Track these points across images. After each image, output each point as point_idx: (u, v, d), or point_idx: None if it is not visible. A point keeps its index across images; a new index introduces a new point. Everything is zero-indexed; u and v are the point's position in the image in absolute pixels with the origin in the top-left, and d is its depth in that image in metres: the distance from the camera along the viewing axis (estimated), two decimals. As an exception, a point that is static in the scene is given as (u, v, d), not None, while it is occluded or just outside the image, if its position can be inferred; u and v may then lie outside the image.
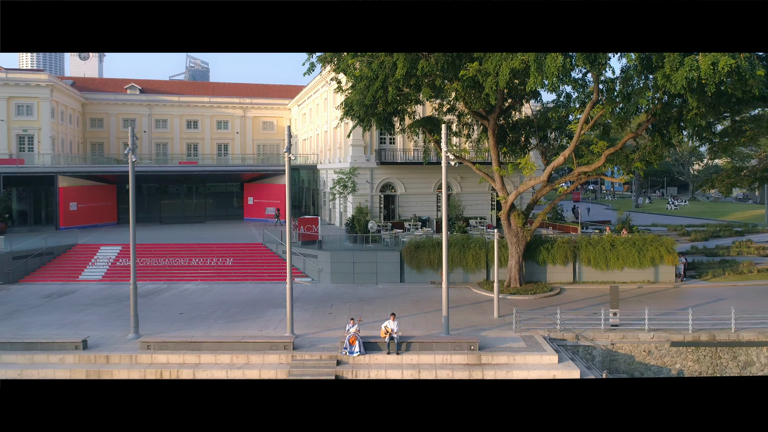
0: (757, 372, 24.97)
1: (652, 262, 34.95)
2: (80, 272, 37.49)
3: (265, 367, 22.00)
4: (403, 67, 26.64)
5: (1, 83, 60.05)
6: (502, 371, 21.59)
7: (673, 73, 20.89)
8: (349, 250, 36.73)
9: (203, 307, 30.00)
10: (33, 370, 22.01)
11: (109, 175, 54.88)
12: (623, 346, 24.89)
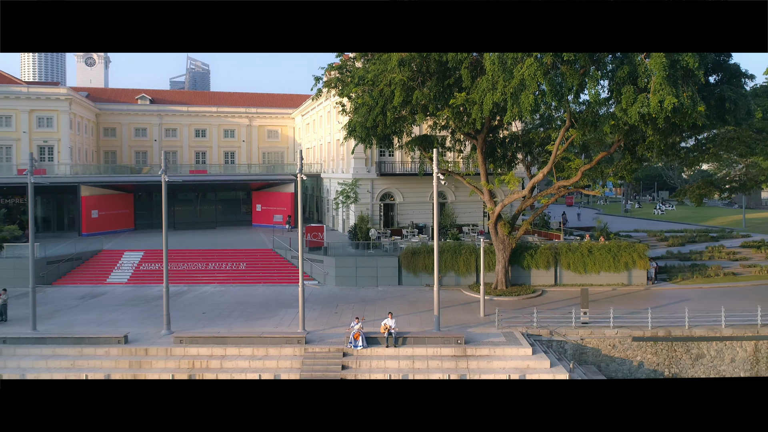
0: (707, 363, 28.69)
1: (626, 266, 38.70)
2: (107, 276, 41.22)
3: (282, 359, 25.73)
4: (400, 95, 30.40)
5: (23, 97, 63.89)
6: (483, 362, 25.32)
7: (628, 107, 24.65)
8: (351, 256, 40.47)
9: (223, 308, 33.75)
10: (83, 361, 25.75)
11: (127, 185, 58.56)
12: (591, 341, 28.62)
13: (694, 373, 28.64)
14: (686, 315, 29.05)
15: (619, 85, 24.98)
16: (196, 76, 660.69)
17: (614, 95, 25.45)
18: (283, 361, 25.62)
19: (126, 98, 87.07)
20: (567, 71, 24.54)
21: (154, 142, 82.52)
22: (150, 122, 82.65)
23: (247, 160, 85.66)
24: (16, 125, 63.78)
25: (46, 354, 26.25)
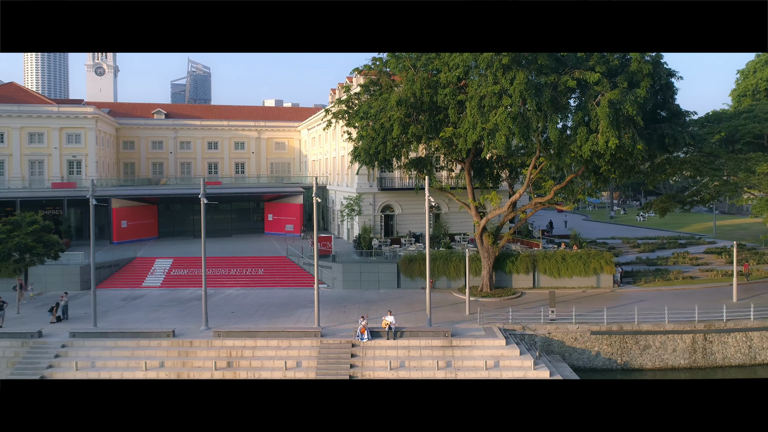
0: (653, 353, 34.56)
1: (595, 271, 44.59)
2: (143, 280, 47.13)
3: (302, 349, 31.63)
4: (398, 129, 36.38)
5: (54, 116, 69.83)
6: (465, 351, 31.24)
7: (582, 145, 30.60)
8: (356, 263, 46.39)
9: (248, 308, 39.66)
10: (140, 351, 31.66)
11: (152, 197, 64.46)
12: (557, 335, 34.51)
13: (642, 362, 34.54)
14: (636, 312, 34.99)
15: (576, 127, 30.90)
16: (197, 78, 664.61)
17: (572, 134, 31.37)
18: (303, 350, 31.52)
19: (142, 112, 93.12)
20: (532, 116, 30.49)
21: (169, 154, 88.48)
22: (166, 135, 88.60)
23: (256, 170, 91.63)
24: (48, 142, 69.71)
25: (109, 346, 32.15)
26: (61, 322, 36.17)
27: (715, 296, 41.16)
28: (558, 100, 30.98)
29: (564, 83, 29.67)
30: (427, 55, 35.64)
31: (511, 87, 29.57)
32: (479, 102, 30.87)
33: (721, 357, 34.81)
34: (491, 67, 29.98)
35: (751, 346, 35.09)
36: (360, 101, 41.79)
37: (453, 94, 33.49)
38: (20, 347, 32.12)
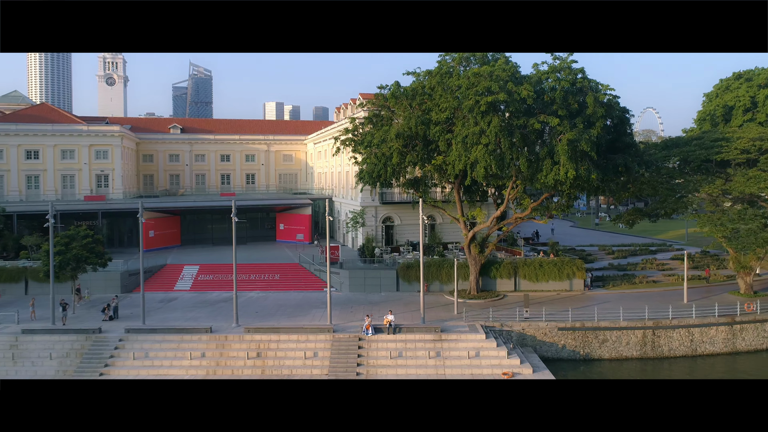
0: (610, 346, 41.27)
1: (568, 276, 51.32)
2: (174, 284, 53.90)
3: (318, 342, 38.36)
4: (397, 157, 43.20)
5: (84, 134, 76.71)
6: (452, 343, 38.00)
7: (547, 174, 37.41)
8: (361, 269, 53.13)
9: (269, 308, 46.43)
10: (185, 344, 38.41)
11: (175, 209, 71.24)
12: (529, 330, 41.25)
13: (601, 353, 41.27)
14: (596, 312, 41.79)
15: (542, 160, 37.73)
16: (199, 81, 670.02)
17: (540, 165, 38.18)
18: (319, 343, 38.29)
19: (159, 127, 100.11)
20: (506, 151, 37.31)
21: (185, 166, 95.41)
22: (182, 149, 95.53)
23: (266, 180, 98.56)
24: (78, 158, 76.60)
25: (158, 340, 38.93)
26: (112, 320, 42.91)
27: (669, 298, 47.88)
28: (528, 137, 37.84)
29: (531, 125, 36.54)
30: (421, 96, 42.50)
31: (488, 128, 36.43)
32: (463, 139, 37.74)
33: (667, 349, 41.57)
34: (472, 111, 36.86)
35: (693, 340, 41.85)
36: (364, 130, 48.58)
37: (442, 131, 40.36)
38: (85, 341, 38.89)
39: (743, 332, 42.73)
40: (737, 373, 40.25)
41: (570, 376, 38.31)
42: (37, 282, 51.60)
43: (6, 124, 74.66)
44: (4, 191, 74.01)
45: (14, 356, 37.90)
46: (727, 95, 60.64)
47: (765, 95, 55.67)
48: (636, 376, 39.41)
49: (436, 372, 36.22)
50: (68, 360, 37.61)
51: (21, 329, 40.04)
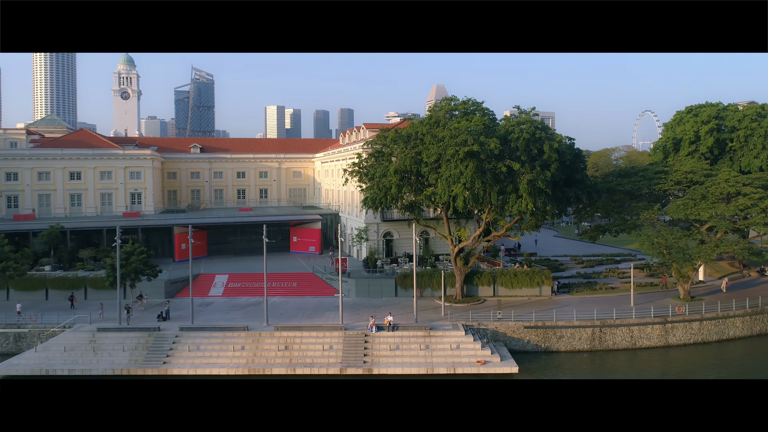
0: (566, 341, 51.46)
1: (538, 284, 61.57)
2: (208, 291, 64.18)
3: (333, 338, 48.60)
4: (395, 188, 53.57)
5: (120, 157, 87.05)
6: (438, 339, 48.26)
7: (513, 206, 47.75)
8: (365, 278, 63.40)
9: (290, 311, 56.71)
10: (228, 339, 48.68)
11: (204, 225, 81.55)
12: (501, 328, 51.50)
13: (558, 347, 51.48)
14: (554, 313, 52.09)
15: (509, 194, 48.10)
16: (201, 86, 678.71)
17: (507, 198, 48.55)
18: (333, 339, 48.54)
19: (181, 146, 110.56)
20: (479, 189, 47.66)
21: (205, 183, 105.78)
22: (202, 167, 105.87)
23: (277, 195, 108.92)
24: (115, 178, 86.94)
25: (206, 336, 49.20)
26: (165, 321, 53.20)
27: (621, 302, 58.11)
28: (497, 177, 48.25)
29: (499, 168, 46.91)
30: (414, 140, 52.89)
31: (465, 171, 46.80)
32: (447, 178, 48.09)
33: (612, 343, 51.86)
34: (453, 157, 47.24)
35: (633, 336, 52.13)
36: (368, 163, 58.93)
37: (431, 170, 50.77)
38: (148, 337, 49.18)
39: (674, 330, 53.02)
40: (669, 363, 50.50)
41: (532, 365, 48.53)
42: (95, 289, 61.93)
43: (53, 149, 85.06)
44: (51, 208, 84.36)
45: (94, 349, 48.19)
46: (678, 128, 70.93)
47: (705, 130, 65.92)
48: (586, 366, 49.64)
49: (426, 361, 46.51)
50: (137, 352, 47.90)
51: (96, 328, 50.37)
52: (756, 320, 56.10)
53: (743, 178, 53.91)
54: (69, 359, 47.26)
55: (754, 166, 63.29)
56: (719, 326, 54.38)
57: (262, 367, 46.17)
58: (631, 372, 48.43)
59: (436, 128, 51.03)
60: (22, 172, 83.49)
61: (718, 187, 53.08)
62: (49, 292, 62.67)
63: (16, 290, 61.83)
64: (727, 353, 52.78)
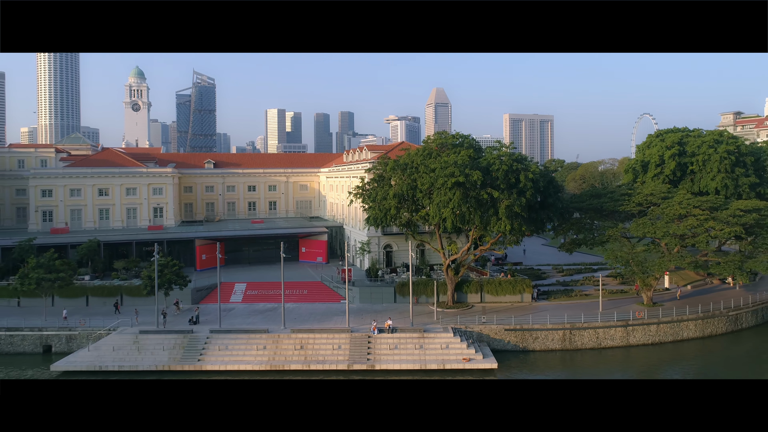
0: (540, 341, 59.92)
1: (520, 291, 70.07)
2: (229, 297, 72.66)
3: (341, 339, 57.06)
4: (393, 210, 62.18)
5: (144, 175, 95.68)
6: (430, 340, 56.78)
7: (494, 226, 56.33)
8: (368, 286, 71.91)
9: (303, 315, 65.19)
10: (251, 340, 57.18)
11: (222, 238, 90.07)
12: (485, 330, 60.00)
13: (534, 347, 59.92)
14: (531, 318, 60.64)
15: (490, 217, 56.71)
16: (202, 90, 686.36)
17: (489, 219, 57.15)
18: (341, 340, 57.01)
19: (196, 161, 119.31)
20: (465, 211, 56.23)
21: (219, 196, 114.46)
22: (216, 181, 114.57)
23: (285, 207, 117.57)
24: (140, 194, 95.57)
25: (232, 337, 57.68)
26: (196, 324, 61.68)
27: (591, 307, 66.59)
28: (480, 202, 56.89)
29: (482, 195, 55.51)
30: (410, 169, 61.45)
31: (453, 197, 55.37)
32: (437, 204, 56.69)
33: (580, 343, 60.35)
34: (443, 186, 55.79)
35: (598, 337, 60.63)
36: (370, 187, 67.51)
37: (424, 195, 59.42)
38: (183, 338, 57.65)
39: (634, 332, 61.54)
40: (630, 361, 58.93)
41: (510, 362, 56.96)
42: (130, 296, 70.44)
43: (83, 168, 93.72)
44: (82, 222, 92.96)
45: (138, 348, 56.69)
46: (648, 151, 79.51)
47: (669, 155, 74.47)
48: (557, 364, 58.09)
49: (419, 358, 55.00)
50: (175, 351, 56.39)
51: (138, 330, 58.89)
52: (707, 323, 64.60)
53: (694, 201, 62.46)
54: (117, 357, 55.76)
55: (711, 187, 71.87)
56: (674, 329, 62.89)
57: (282, 364, 54.67)
58: (596, 368, 56.92)
59: (429, 159, 59.67)
60: (56, 189, 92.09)
61: (672, 209, 61.59)
62: (89, 299, 71.18)
63: (61, 297, 70.19)
64: (681, 352, 61.24)
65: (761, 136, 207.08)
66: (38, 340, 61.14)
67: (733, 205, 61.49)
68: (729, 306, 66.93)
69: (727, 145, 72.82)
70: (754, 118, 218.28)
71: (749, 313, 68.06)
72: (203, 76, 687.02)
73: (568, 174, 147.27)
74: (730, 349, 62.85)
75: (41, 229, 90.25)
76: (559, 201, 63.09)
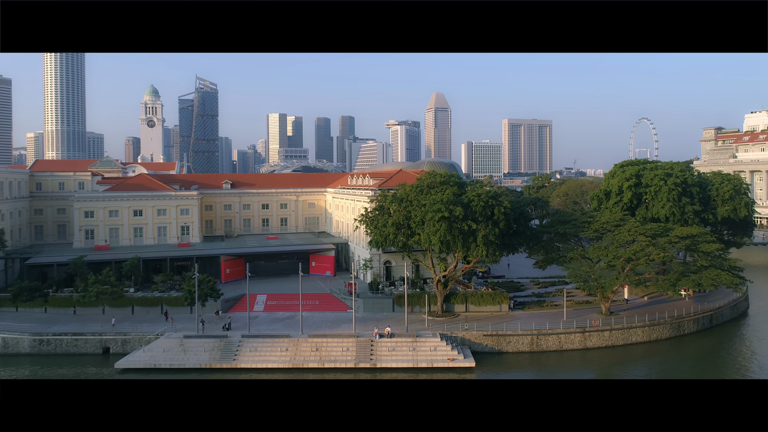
0: (512, 345, 72.87)
1: (499, 302, 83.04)
2: (253, 307, 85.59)
3: (348, 343, 69.99)
4: (393, 235, 75.31)
5: (173, 198, 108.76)
6: (422, 344, 69.77)
7: (474, 251, 69.42)
8: (370, 298, 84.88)
9: (316, 323, 78.17)
10: (276, 344, 70.13)
11: (243, 254, 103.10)
12: (467, 336, 72.95)
13: (507, 349, 72.86)
14: (505, 325, 73.66)
15: (470, 244, 69.80)
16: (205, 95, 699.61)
17: (470, 245, 70.23)
18: (348, 344, 69.94)
19: (214, 181, 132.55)
20: (450, 239, 69.27)
21: (236, 214, 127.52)
22: (233, 200, 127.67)
23: (295, 223, 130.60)
24: (169, 214, 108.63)
25: (260, 341, 70.59)
26: (229, 330, 74.62)
27: (558, 316, 79.54)
28: (462, 232, 69.95)
29: (463, 227, 68.54)
30: (406, 202, 74.49)
31: (440, 228, 68.39)
32: (428, 232, 69.73)
33: (545, 347, 73.27)
34: (431, 219, 68.81)
35: (560, 341, 73.55)
36: (373, 215, 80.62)
37: (417, 225, 72.53)
38: (220, 342, 70.59)
39: (591, 337, 74.50)
40: (587, 361, 71.88)
41: (487, 362, 69.81)
42: (169, 306, 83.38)
43: (121, 192, 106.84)
44: (119, 239, 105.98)
45: (184, 350, 69.64)
46: (611, 180, 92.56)
47: (626, 186, 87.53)
48: (526, 363, 70.98)
49: (413, 358, 67.91)
50: (214, 352, 69.34)
51: (183, 335, 71.87)
52: (653, 330, 77.60)
53: (641, 228, 75.45)
54: (167, 357, 68.72)
55: (661, 214, 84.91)
56: (624, 334, 75.88)
57: (301, 362, 67.63)
58: (558, 367, 69.82)
59: (421, 195, 72.78)
60: (97, 211, 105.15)
61: (621, 236, 74.56)
62: (134, 309, 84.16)
63: (110, 307, 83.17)
64: (631, 353, 74.17)
65: (740, 150, 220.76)
66: (98, 343, 74.11)
67: (673, 233, 74.55)
68: (673, 315, 79.91)
69: (676, 178, 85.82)
70: (734, 134, 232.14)
71: (691, 321, 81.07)
72: (206, 81, 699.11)
73: (553, 190, 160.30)
74: (672, 351, 75.76)
75: (84, 246, 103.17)
76: (528, 229, 76.18)
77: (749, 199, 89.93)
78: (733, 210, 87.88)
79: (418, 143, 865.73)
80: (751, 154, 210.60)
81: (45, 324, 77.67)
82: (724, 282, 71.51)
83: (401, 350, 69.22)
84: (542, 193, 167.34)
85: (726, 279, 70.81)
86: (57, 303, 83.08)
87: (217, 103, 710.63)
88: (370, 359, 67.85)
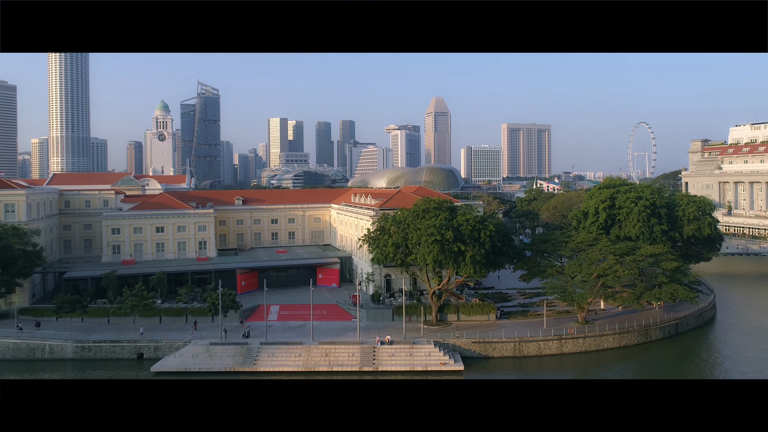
0: (498, 350, 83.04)
1: (487, 312, 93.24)
2: (268, 317, 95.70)
3: (353, 349, 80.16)
4: (393, 254, 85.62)
5: (191, 215, 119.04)
6: (417, 350, 79.96)
7: (464, 269, 79.72)
8: (372, 308, 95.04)
9: (324, 331, 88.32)
10: (291, 350, 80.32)
11: (256, 268, 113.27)
12: (458, 342, 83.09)
13: (492, 354, 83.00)
14: (491, 333, 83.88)
15: (460, 262, 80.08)
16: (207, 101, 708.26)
17: (460, 263, 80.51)
18: (353, 350, 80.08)
19: (226, 197, 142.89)
20: (442, 258, 79.54)
21: (247, 228, 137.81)
22: (245, 216, 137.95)
23: (302, 236, 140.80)
24: (188, 230, 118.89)
25: (276, 348, 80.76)
26: (248, 338, 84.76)
27: (539, 324, 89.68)
28: (453, 252, 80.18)
29: (453, 248, 78.76)
30: (404, 225, 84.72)
31: (433, 249, 78.59)
32: (422, 253, 79.96)
33: (526, 352, 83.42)
34: (426, 242, 79.02)
35: (539, 347, 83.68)
36: (375, 235, 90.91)
37: (413, 245, 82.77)
38: (241, 348, 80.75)
39: (567, 343, 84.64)
40: (563, 364, 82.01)
41: (475, 365, 79.92)
42: (193, 316, 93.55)
43: (144, 210, 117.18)
44: (143, 254, 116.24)
45: (210, 356, 79.79)
46: (589, 201, 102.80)
47: (602, 207, 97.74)
48: (509, 367, 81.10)
49: (410, 362, 78.07)
50: (236, 357, 79.48)
51: (209, 342, 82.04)
52: (623, 337, 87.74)
53: (611, 248, 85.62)
54: (196, 362, 78.90)
55: (632, 233, 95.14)
56: (597, 341, 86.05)
57: (313, 366, 77.78)
58: (537, 370, 79.98)
59: (417, 220, 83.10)
60: (123, 228, 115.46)
61: (593, 254, 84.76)
62: (162, 318, 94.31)
63: (139, 317, 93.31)
64: (602, 358, 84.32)
65: (724, 162, 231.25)
66: (133, 349, 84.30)
67: (639, 251, 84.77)
68: (641, 323, 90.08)
69: (646, 201, 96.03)
70: (720, 146, 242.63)
71: (657, 328, 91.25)
72: (207, 86, 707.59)
73: (543, 204, 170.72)
74: (640, 356, 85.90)
75: (111, 260, 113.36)
76: (512, 248, 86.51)
77: (712, 219, 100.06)
78: (697, 229, 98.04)
79: (418, 147, 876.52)
80: (735, 166, 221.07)
81: (84, 332, 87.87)
82: (680, 296, 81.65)
83: (400, 355, 79.36)
84: (534, 205, 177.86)
85: (682, 293, 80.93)
86: (94, 313, 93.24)
87: (219, 108, 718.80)
88: (373, 363, 77.97)
